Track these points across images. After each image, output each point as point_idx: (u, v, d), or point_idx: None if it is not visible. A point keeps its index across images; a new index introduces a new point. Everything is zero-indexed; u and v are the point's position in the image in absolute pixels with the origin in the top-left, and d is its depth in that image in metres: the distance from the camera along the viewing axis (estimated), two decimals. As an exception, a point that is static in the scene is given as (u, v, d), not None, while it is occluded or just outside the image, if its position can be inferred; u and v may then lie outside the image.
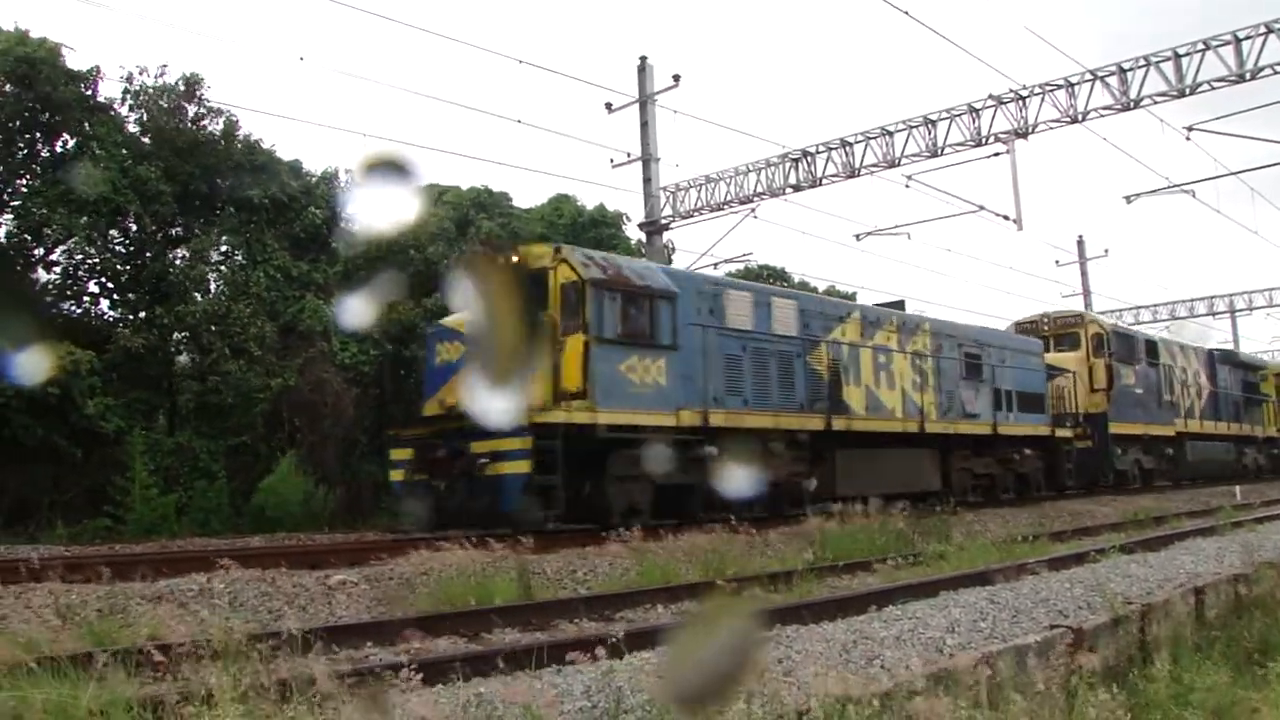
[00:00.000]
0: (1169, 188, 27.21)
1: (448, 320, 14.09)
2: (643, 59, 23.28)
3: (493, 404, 1.71)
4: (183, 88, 21.21)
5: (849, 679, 4.75)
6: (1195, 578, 8.88)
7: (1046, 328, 25.96)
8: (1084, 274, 41.89)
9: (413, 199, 1.90)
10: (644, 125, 23.12)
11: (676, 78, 22.99)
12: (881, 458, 17.48)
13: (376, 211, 1.95)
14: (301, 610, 8.04)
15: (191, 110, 21.36)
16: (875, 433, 17.35)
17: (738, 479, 12.66)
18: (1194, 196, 27.52)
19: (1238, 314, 47.29)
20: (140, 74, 20.94)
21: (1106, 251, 42.72)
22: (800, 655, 5.68)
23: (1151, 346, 27.50)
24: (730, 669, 1.43)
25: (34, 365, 14.63)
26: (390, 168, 1.87)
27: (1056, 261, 43.09)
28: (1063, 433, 22.50)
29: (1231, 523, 14.34)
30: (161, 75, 21.17)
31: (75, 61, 19.99)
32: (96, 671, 4.47)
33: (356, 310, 18.52)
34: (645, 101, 23.04)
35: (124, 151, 20.37)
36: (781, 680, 4.91)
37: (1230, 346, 41.39)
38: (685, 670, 1.44)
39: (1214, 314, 47.17)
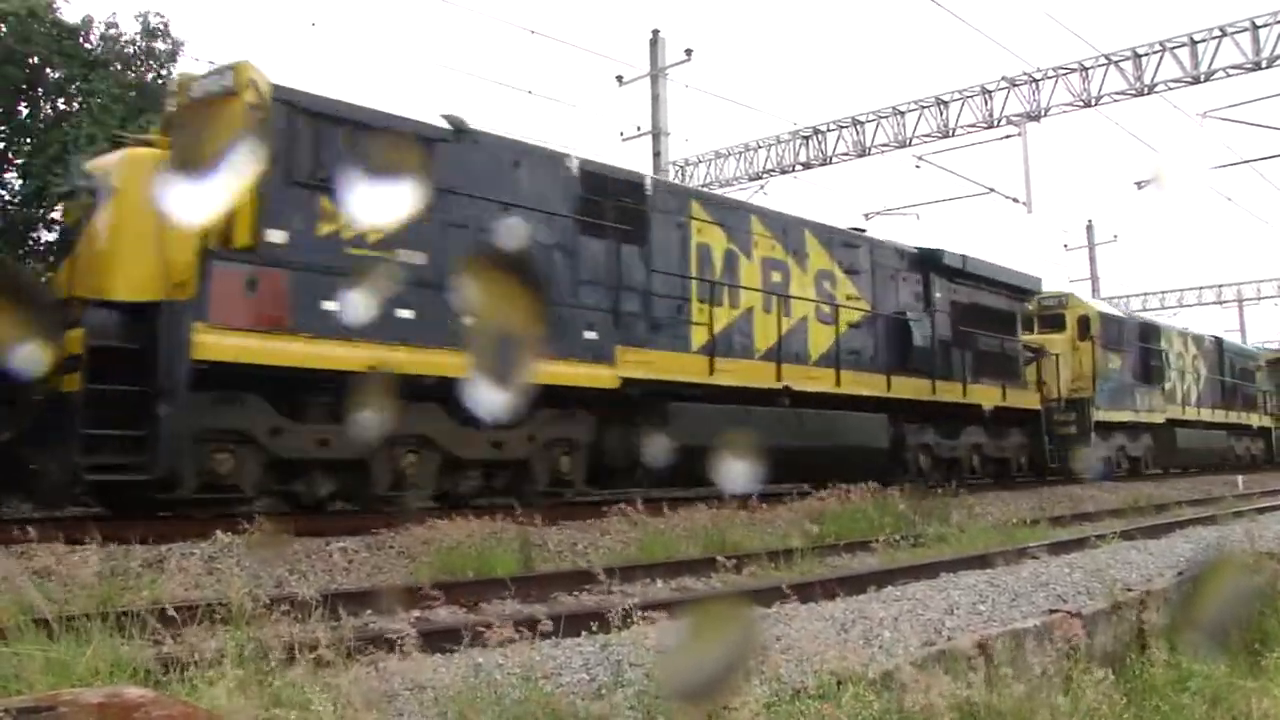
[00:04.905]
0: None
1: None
2: (655, 32, 23.18)
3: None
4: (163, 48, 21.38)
5: (847, 657, 4.77)
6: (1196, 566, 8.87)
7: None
8: (1092, 259, 41.83)
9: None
10: (655, 99, 23.02)
11: (689, 52, 22.89)
12: None
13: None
14: (303, 577, 8.05)
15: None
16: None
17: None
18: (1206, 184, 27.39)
19: (1246, 303, 47.33)
20: (139, 36, 20.95)
21: (1116, 237, 42.45)
22: (799, 633, 5.70)
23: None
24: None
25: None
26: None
27: (1065, 246, 43.07)
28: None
29: (1233, 512, 14.30)
30: (148, 38, 21.19)
31: (70, 14, 20.04)
32: (98, 633, 4.48)
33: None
34: (657, 75, 22.93)
35: (120, 107, 20.21)
36: (780, 657, 4.92)
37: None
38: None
39: (1221, 303, 47.20)
